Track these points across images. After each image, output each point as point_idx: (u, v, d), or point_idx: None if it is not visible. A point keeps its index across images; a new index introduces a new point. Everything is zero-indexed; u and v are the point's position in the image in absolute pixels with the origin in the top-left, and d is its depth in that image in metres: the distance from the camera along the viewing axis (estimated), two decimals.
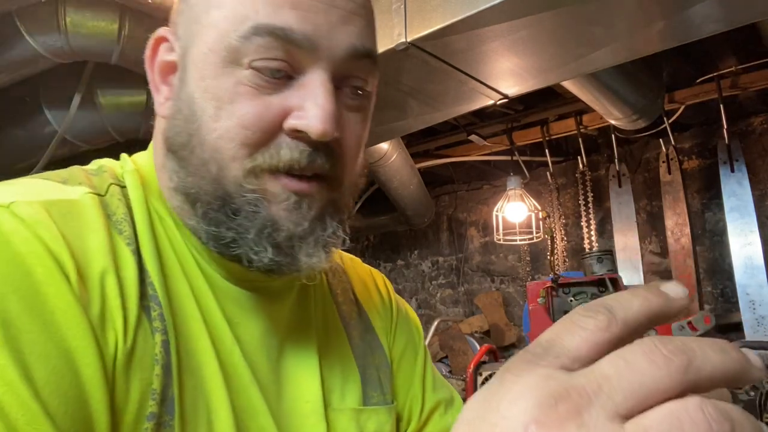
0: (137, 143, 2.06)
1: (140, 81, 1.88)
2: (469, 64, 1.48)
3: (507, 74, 1.55)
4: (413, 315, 0.75)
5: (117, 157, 0.57)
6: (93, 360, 0.39)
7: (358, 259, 0.75)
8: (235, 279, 0.53)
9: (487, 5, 1.20)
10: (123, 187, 0.51)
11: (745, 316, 2.44)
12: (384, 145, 2.68)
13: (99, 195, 0.48)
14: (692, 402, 0.23)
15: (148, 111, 1.94)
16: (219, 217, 0.48)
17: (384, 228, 3.84)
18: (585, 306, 0.28)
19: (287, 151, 0.47)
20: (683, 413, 0.22)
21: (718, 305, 2.77)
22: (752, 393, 1.61)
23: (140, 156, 0.57)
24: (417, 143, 3.28)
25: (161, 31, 0.53)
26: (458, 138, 3.17)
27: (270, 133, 0.47)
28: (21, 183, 0.46)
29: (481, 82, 1.58)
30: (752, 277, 2.47)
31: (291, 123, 0.47)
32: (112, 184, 0.50)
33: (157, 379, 0.43)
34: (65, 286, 0.40)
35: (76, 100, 1.83)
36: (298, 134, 0.47)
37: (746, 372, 0.25)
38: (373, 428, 0.59)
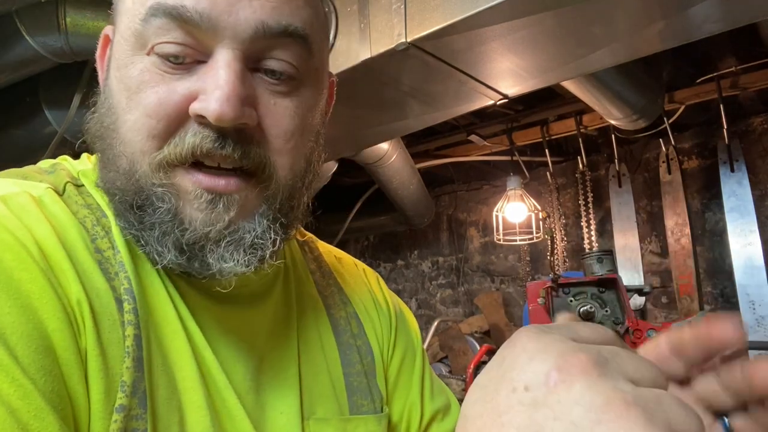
0: None
1: None
2: (469, 64, 1.48)
3: (507, 74, 1.55)
4: (410, 317, 0.73)
5: None
6: (70, 343, 0.39)
7: (347, 257, 0.73)
8: (196, 289, 0.51)
9: (487, 5, 1.19)
10: (80, 186, 0.50)
11: (745, 317, 2.44)
12: (384, 145, 2.67)
13: (58, 193, 0.47)
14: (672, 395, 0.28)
15: None
16: (127, 213, 0.46)
17: (384, 228, 3.84)
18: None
19: (191, 137, 0.44)
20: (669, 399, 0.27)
21: (718, 305, 2.76)
22: None
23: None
24: (417, 143, 3.28)
25: (107, 30, 0.51)
26: (458, 138, 3.17)
27: (176, 121, 0.44)
28: None
29: (481, 82, 1.58)
30: (752, 277, 2.47)
31: (192, 107, 0.44)
32: (68, 182, 0.49)
33: (127, 371, 0.42)
34: (37, 271, 0.39)
35: (76, 100, 1.83)
36: (202, 120, 0.44)
37: None
38: None
